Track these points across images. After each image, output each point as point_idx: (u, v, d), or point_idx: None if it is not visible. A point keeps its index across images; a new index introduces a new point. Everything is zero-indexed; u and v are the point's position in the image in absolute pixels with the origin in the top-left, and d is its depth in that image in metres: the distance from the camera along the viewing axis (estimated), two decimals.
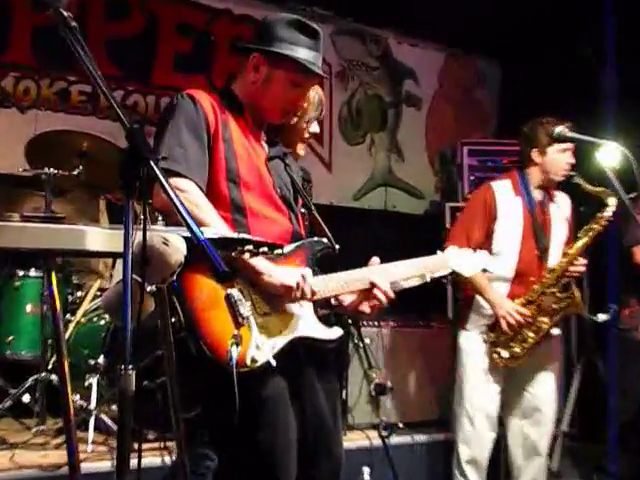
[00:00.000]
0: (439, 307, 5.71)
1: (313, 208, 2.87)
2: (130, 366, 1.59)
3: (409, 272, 2.77)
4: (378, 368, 4.92)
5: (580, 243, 3.97)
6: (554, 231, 4.12)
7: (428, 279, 2.85)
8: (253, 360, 2.31)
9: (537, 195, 4.13)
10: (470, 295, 4.16)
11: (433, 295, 5.14)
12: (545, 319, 3.99)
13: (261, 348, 2.33)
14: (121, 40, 5.78)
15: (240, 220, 2.51)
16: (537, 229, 4.07)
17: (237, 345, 2.23)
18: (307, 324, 2.52)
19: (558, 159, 4.05)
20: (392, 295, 2.63)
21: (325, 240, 2.68)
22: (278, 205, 2.63)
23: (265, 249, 1.99)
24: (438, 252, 2.96)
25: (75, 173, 4.22)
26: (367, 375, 4.88)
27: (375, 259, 2.73)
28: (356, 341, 4.90)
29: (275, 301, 2.46)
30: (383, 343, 5.08)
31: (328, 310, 3.08)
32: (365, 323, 5.06)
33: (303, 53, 2.60)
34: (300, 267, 2.54)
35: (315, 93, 3.05)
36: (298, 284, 2.44)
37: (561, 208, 4.19)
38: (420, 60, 7.27)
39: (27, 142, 4.33)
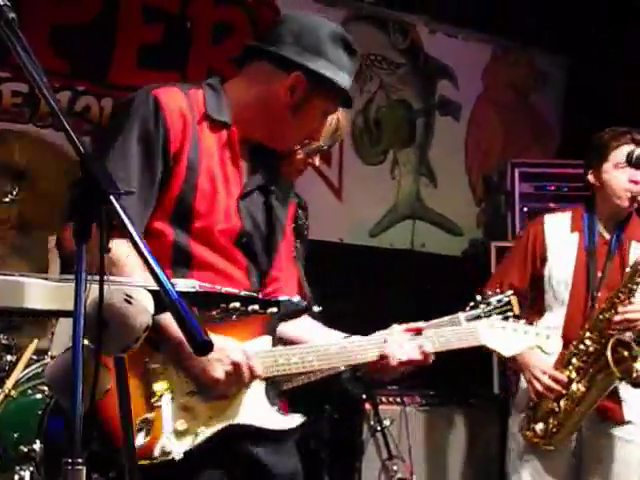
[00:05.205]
0: (481, 379, 5.72)
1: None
2: (80, 459, 1.62)
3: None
4: (401, 459, 4.92)
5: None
6: None
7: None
8: (164, 452, 2.35)
9: (608, 232, 4.16)
10: None
11: (473, 362, 5.15)
12: (581, 386, 4.00)
13: (177, 437, 2.37)
14: (70, 26, 5.84)
15: (183, 273, 2.51)
16: (592, 274, 4.10)
17: (147, 432, 2.30)
18: (252, 408, 2.53)
19: (615, 178, 4.09)
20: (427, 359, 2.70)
21: (295, 299, 2.62)
22: (231, 255, 2.64)
23: (256, 307, 2.03)
24: (462, 319, 3.01)
25: (7, 200, 4.25)
26: (386, 468, 4.88)
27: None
28: (372, 423, 4.90)
29: None
30: (408, 425, 5.09)
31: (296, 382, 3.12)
32: (384, 399, 5.07)
33: (346, 79, 2.68)
34: (246, 340, 2.52)
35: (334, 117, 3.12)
36: (229, 375, 2.42)
37: None
38: (459, 55, 7.33)
39: None
